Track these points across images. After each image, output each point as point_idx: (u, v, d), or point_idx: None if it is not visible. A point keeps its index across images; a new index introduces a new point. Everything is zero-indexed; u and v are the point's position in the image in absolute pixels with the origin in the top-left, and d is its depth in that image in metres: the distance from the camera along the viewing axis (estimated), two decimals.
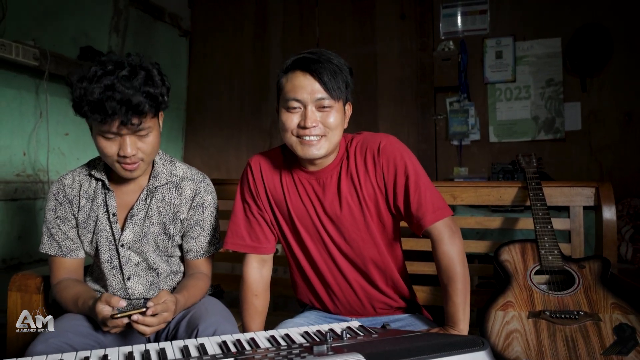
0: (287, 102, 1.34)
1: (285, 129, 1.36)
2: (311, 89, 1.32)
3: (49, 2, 2.94)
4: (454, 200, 1.95)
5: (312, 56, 1.34)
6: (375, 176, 1.41)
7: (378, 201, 1.42)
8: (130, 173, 1.39)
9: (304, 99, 1.32)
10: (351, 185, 1.42)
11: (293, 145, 1.36)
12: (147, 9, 3.86)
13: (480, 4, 3.81)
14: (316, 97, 1.32)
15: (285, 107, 1.35)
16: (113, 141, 1.33)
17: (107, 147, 1.34)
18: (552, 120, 3.62)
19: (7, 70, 2.64)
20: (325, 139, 1.35)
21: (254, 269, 1.50)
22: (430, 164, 3.84)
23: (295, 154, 1.39)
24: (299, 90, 1.32)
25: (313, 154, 1.35)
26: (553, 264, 1.58)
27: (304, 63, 1.33)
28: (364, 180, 1.41)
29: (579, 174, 3.54)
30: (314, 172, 1.44)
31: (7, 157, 2.69)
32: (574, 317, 1.38)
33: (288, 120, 1.35)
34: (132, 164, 1.36)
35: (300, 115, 1.34)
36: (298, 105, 1.33)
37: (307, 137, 1.33)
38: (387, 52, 4.00)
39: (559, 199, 1.87)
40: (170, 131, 4.25)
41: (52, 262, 1.51)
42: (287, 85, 1.35)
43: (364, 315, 1.53)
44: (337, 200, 1.42)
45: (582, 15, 3.56)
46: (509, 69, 3.72)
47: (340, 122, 1.36)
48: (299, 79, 1.33)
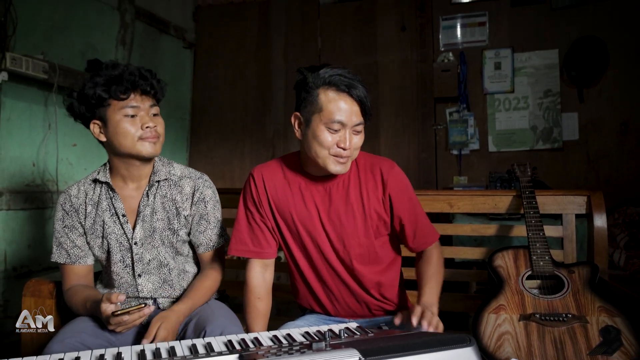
0: (331, 123, 1.39)
1: (322, 145, 1.41)
2: (353, 113, 1.40)
3: (58, 17, 3.03)
4: (451, 208, 2.01)
5: (353, 81, 1.41)
6: (383, 195, 1.51)
7: (382, 216, 1.52)
8: (154, 146, 1.52)
9: (347, 122, 1.40)
10: (358, 195, 1.51)
11: (324, 159, 1.43)
12: (152, 22, 3.96)
13: (479, 16, 3.90)
14: (355, 121, 1.41)
15: (326, 126, 1.40)
16: (134, 120, 1.49)
17: (130, 125, 1.48)
18: (549, 130, 3.68)
19: (17, 83, 2.72)
20: (350, 159, 1.46)
21: (256, 273, 1.57)
22: (430, 173, 3.91)
23: (320, 165, 1.45)
24: (345, 114, 1.39)
25: (338, 171, 1.44)
26: (544, 270, 1.64)
27: (349, 87, 1.39)
28: (372, 194, 1.51)
29: (576, 183, 3.60)
30: (320, 179, 1.52)
31: (17, 168, 2.77)
32: (562, 320, 1.44)
33: (328, 138, 1.40)
34: (154, 137, 1.51)
35: (339, 136, 1.41)
36: (339, 127, 1.40)
37: (342, 159, 1.42)
38: (387, 62, 4.09)
39: (552, 207, 1.93)
40: (175, 141, 4.33)
41: (62, 269, 1.59)
42: (331, 105, 1.39)
43: (363, 317, 1.60)
44: (343, 207, 1.50)
45: (579, 28, 3.64)
46: (507, 79, 3.79)
47: (362, 142, 1.47)
48: (345, 104, 1.39)
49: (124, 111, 1.48)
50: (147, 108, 1.51)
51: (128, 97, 1.47)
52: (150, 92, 1.51)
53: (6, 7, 2.57)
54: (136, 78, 1.47)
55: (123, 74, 1.46)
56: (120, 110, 1.47)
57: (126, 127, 1.48)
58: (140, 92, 1.49)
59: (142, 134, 1.49)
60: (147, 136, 1.49)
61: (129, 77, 1.45)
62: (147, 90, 1.50)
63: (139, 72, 1.48)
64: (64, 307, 1.61)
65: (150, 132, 1.50)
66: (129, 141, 1.49)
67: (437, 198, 2.02)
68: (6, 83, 2.61)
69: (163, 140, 1.56)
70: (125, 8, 3.59)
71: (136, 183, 1.60)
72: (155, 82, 1.52)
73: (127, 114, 1.48)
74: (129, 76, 1.45)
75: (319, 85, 1.42)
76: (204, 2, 4.54)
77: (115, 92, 1.45)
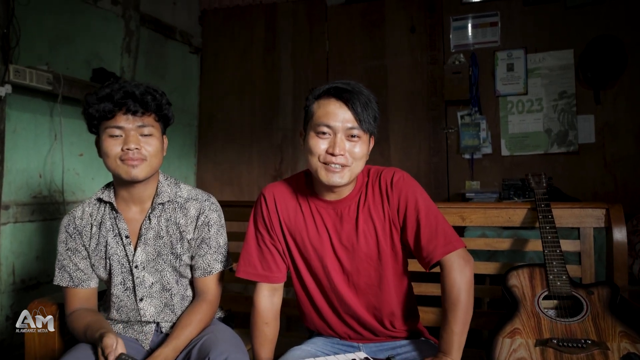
0: (317, 127, 1.36)
1: (312, 153, 1.38)
2: (343, 117, 1.34)
3: (62, 26, 3.00)
4: (463, 221, 1.94)
5: (346, 86, 1.37)
6: (389, 210, 1.44)
7: (393, 234, 1.45)
8: (133, 169, 1.44)
9: (335, 127, 1.35)
10: (368, 217, 1.44)
11: (317, 170, 1.38)
12: (158, 28, 3.92)
13: (491, 16, 3.81)
14: (347, 126, 1.35)
15: (315, 132, 1.37)
16: (118, 140, 1.43)
17: (112, 146, 1.43)
18: (565, 133, 3.59)
19: (22, 95, 2.70)
20: (348, 169, 1.37)
21: (264, 297, 1.52)
22: (441, 178, 3.83)
23: (317, 179, 1.41)
24: (331, 116, 1.35)
25: (335, 182, 1.37)
26: (561, 290, 1.57)
27: (338, 92, 1.36)
28: (380, 213, 1.44)
29: (592, 188, 3.50)
30: (332, 202, 1.46)
31: (23, 180, 2.75)
32: (581, 346, 1.37)
33: (316, 145, 1.37)
34: (135, 159, 1.43)
35: (329, 142, 1.36)
36: (328, 132, 1.36)
37: (333, 165, 1.35)
38: (397, 65, 4.01)
39: (569, 220, 1.85)
40: (183, 147, 4.30)
41: (65, 293, 1.55)
42: (319, 111, 1.37)
43: (372, 341, 1.54)
44: (354, 232, 1.44)
45: (595, 27, 3.53)
46: (520, 81, 3.70)
47: (364, 154, 1.39)
48: (332, 106, 1.36)
49: (109, 131, 1.44)
50: (134, 128, 1.45)
51: (113, 116, 1.43)
52: (138, 112, 1.44)
53: (9, 19, 2.55)
54: (121, 97, 1.41)
55: (111, 92, 1.42)
56: (106, 130, 1.45)
57: (108, 147, 1.44)
58: (125, 111, 1.43)
59: (122, 155, 1.44)
60: (126, 158, 1.43)
61: (115, 95, 1.41)
62: (134, 109, 1.43)
63: (125, 90, 1.43)
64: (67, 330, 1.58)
65: (132, 154, 1.43)
66: (111, 162, 1.45)
67: (449, 211, 1.94)
68: (10, 95, 2.59)
69: (155, 162, 1.49)
70: (130, 15, 3.56)
71: (139, 206, 1.55)
72: (149, 99, 1.45)
73: (112, 134, 1.44)
74: (115, 95, 1.41)
75: (315, 98, 1.41)
76: (209, 6, 4.50)
77: (102, 111, 1.42)
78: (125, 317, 1.56)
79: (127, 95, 1.42)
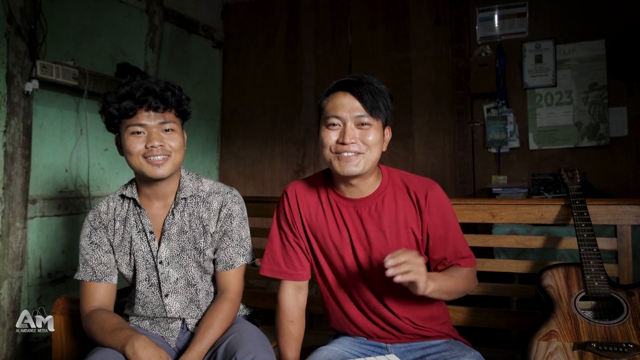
0: (327, 119, 1.37)
1: (324, 145, 1.38)
2: (351, 107, 1.35)
3: (87, 22, 3.01)
4: (493, 218, 1.88)
5: (353, 79, 1.38)
6: (419, 219, 1.43)
7: (417, 239, 1.43)
8: (158, 168, 1.43)
9: (344, 117, 1.35)
10: (393, 219, 1.42)
11: (331, 161, 1.38)
12: (181, 22, 3.92)
13: (518, 6, 3.71)
14: (355, 114, 1.35)
15: (325, 125, 1.38)
16: (140, 137, 1.43)
17: (135, 144, 1.42)
18: (596, 126, 3.48)
19: (48, 91, 2.72)
20: (362, 157, 1.35)
21: (289, 295, 1.51)
22: (467, 173, 3.76)
23: (334, 172, 1.40)
24: (339, 108, 1.35)
25: (351, 171, 1.35)
26: (599, 291, 1.51)
27: (346, 84, 1.37)
28: (409, 219, 1.42)
29: (625, 183, 3.39)
30: (353, 200, 1.45)
31: (50, 175, 2.78)
32: (622, 350, 1.31)
33: (327, 136, 1.37)
34: (159, 156, 1.42)
35: (339, 133, 1.36)
36: (338, 122, 1.36)
37: (346, 154, 1.34)
38: (421, 58, 3.94)
39: (605, 217, 1.78)
40: (206, 142, 4.30)
41: (84, 289, 1.51)
42: (328, 104, 1.39)
43: (400, 340, 1.49)
44: (375, 232, 1.42)
45: (627, 16, 3.41)
46: (549, 73, 3.60)
47: (379, 140, 1.37)
48: (339, 98, 1.37)
49: (130, 128, 1.43)
50: (156, 125, 1.44)
51: (134, 114, 1.42)
52: (159, 108, 1.43)
53: (36, 15, 2.56)
54: (142, 94, 1.40)
55: (131, 90, 1.41)
56: (127, 127, 1.43)
57: (131, 145, 1.43)
58: (147, 108, 1.42)
59: (146, 153, 1.43)
60: (150, 155, 1.42)
61: (135, 93, 1.40)
62: (155, 106, 1.42)
63: (146, 87, 1.41)
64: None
65: (156, 150, 1.43)
66: (134, 160, 1.44)
67: (477, 207, 1.89)
68: (38, 91, 2.62)
69: (178, 158, 1.48)
70: (154, 10, 3.56)
71: (162, 201, 1.55)
72: (169, 95, 1.44)
73: (135, 131, 1.43)
74: (135, 92, 1.40)
75: (325, 94, 1.43)
76: (232, 0, 4.48)
77: (123, 110, 1.41)
78: (151, 313, 1.55)
79: (148, 92, 1.41)
